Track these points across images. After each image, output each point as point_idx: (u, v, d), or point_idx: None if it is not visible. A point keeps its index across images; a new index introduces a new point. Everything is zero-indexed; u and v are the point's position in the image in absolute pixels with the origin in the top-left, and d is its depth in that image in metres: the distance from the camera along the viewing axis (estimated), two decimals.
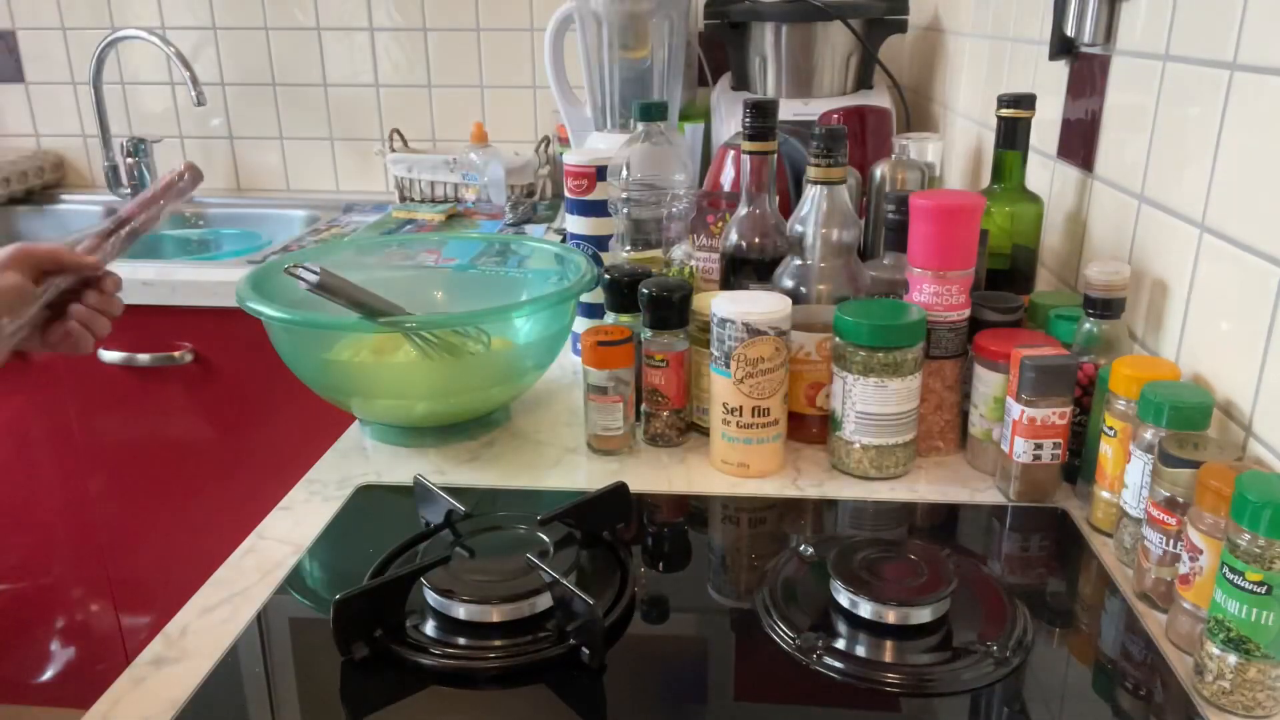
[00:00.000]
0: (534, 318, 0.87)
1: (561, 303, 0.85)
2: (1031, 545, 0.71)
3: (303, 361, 0.85)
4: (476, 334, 0.85)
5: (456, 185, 1.77)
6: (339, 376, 0.85)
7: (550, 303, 0.83)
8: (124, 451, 1.44)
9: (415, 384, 0.85)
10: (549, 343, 0.88)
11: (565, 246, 0.99)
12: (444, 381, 0.85)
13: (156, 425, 1.42)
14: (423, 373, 0.84)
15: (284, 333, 0.82)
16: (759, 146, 0.84)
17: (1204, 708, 0.53)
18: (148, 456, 1.44)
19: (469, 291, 1.00)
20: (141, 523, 1.47)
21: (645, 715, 0.54)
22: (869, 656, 0.57)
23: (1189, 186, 0.72)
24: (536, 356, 0.88)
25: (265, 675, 0.57)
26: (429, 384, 0.85)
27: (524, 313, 0.86)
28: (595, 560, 0.66)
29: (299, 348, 0.85)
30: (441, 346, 0.83)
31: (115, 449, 1.44)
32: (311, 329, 0.83)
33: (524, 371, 0.88)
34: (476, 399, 0.87)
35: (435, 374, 0.84)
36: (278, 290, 0.84)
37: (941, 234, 0.76)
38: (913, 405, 0.77)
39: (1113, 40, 0.86)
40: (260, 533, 0.72)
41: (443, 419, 0.87)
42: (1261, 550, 0.49)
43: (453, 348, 0.83)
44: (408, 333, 0.82)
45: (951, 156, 1.36)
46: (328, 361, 0.85)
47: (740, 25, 1.44)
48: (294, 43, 1.84)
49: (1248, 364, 0.64)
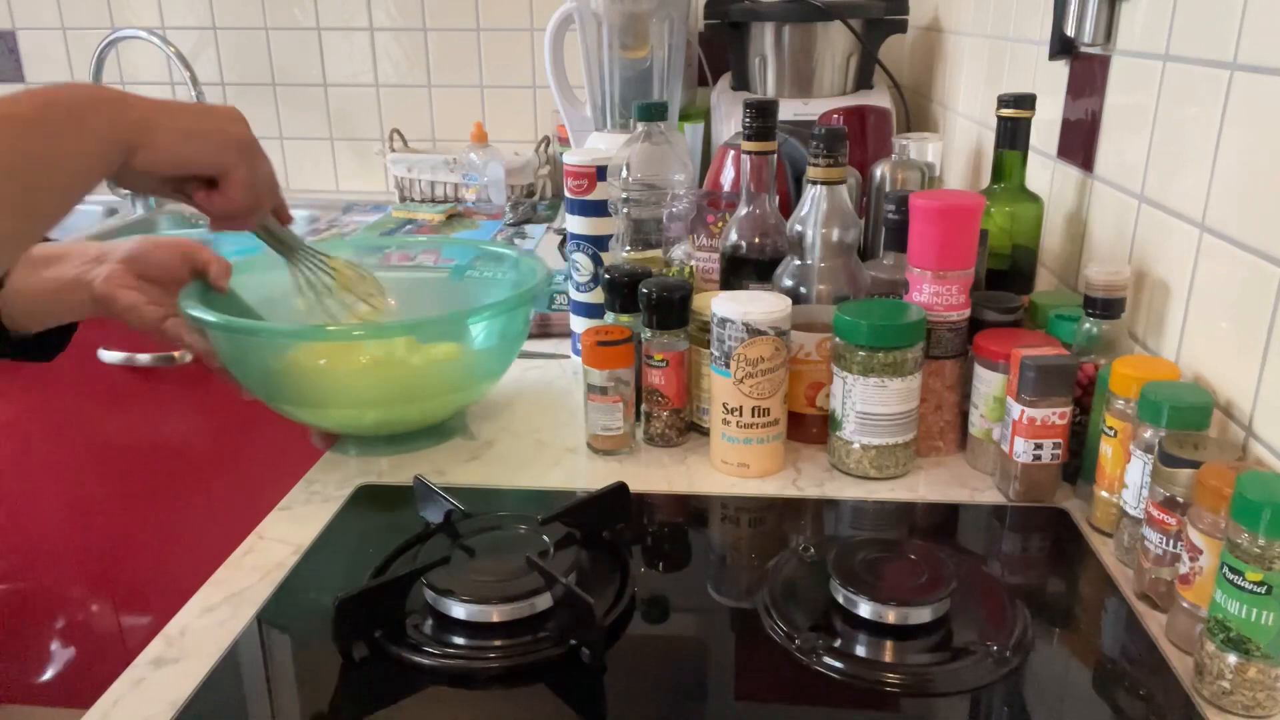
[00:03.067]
0: (489, 323, 0.83)
1: (514, 309, 0.82)
2: (1031, 545, 0.71)
3: (248, 371, 0.81)
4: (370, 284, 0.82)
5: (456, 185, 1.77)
6: (285, 385, 0.81)
7: (504, 308, 0.80)
8: (124, 451, 1.44)
9: (365, 391, 0.82)
10: (503, 349, 0.86)
11: (524, 252, 0.95)
12: (396, 389, 0.82)
13: (156, 425, 1.42)
14: (372, 380, 0.81)
15: (226, 341, 0.79)
16: (759, 146, 0.84)
17: (1204, 708, 0.53)
18: (148, 456, 1.43)
19: (423, 298, 0.93)
20: (141, 523, 1.47)
21: (645, 715, 0.54)
22: (869, 656, 0.57)
23: (1189, 186, 0.72)
24: (489, 364, 0.86)
25: (265, 675, 0.57)
26: (379, 391, 0.82)
27: (480, 318, 0.82)
28: (595, 560, 0.66)
29: (244, 356, 0.81)
30: (335, 287, 0.81)
31: (115, 449, 1.44)
32: (251, 336, 0.79)
33: (477, 378, 0.86)
34: (430, 406, 0.84)
35: (386, 381, 0.81)
36: (228, 296, 0.82)
37: (941, 234, 0.76)
38: (913, 405, 0.77)
39: (1113, 40, 0.86)
40: (260, 533, 0.72)
41: (395, 428, 0.85)
42: (1261, 550, 0.49)
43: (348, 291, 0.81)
44: (297, 262, 0.80)
45: (951, 156, 1.36)
46: (273, 370, 0.80)
47: (740, 25, 1.44)
48: (294, 43, 1.84)
49: (1248, 364, 0.64)
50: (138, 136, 0.59)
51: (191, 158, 0.62)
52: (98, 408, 1.41)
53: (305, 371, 0.81)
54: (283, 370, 0.80)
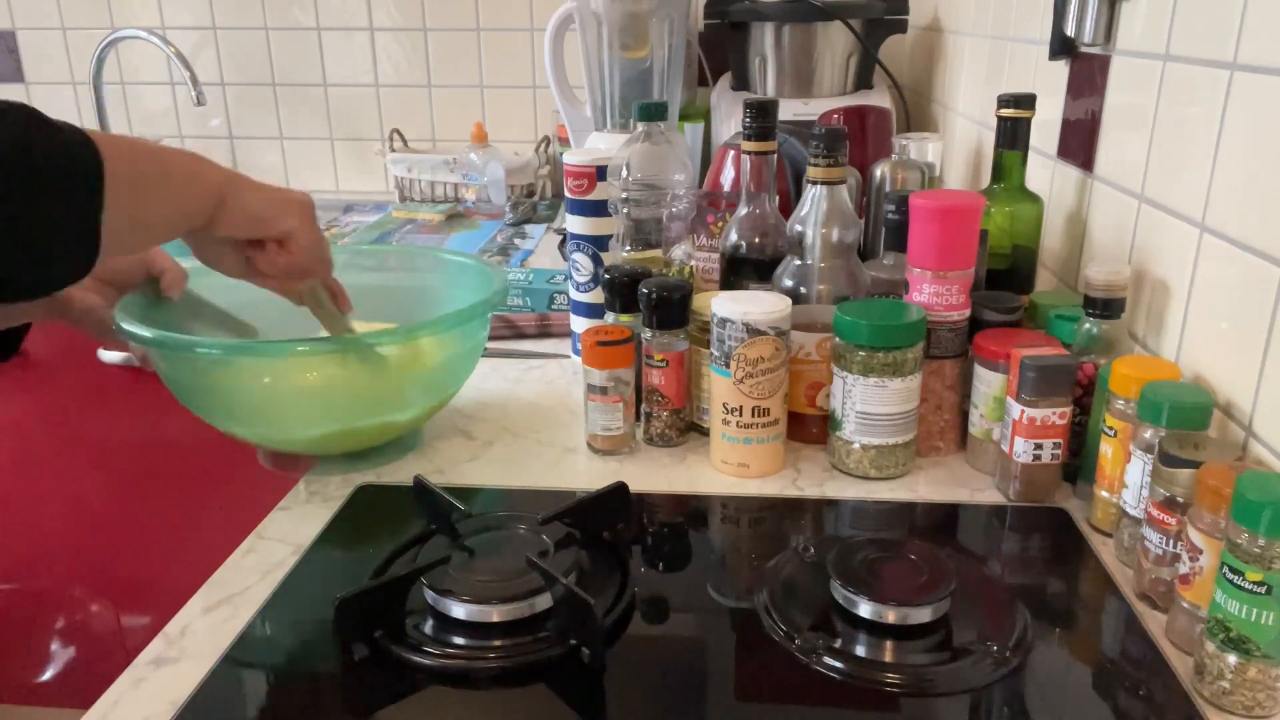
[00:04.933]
0: (441, 336, 0.78)
1: (470, 320, 0.77)
2: (1031, 545, 0.71)
3: (182, 388, 0.77)
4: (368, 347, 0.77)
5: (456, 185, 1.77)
6: (228, 404, 0.76)
7: (460, 320, 0.76)
8: (124, 451, 1.44)
9: (312, 410, 0.77)
10: (459, 362, 0.82)
11: (481, 259, 0.92)
12: (343, 407, 0.77)
13: (156, 425, 1.42)
14: (320, 398, 0.76)
15: (161, 359, 0.75)
16: (759, 146, 0.84)
17: (1204, 708, 0.53)
18: (148, 456, 1.43)
19: (374, 303, 0.86)
20: (141, 523, 1.47)
21: (645, 715, 0.54)
22: (869, 656, 0.57)
23: (1189, 186, 0.72)
24: (444, 376, 0.82)
25: (265, 675, 0.57)
26: (327, 409, 0.77)
27: (434, 330, 0.77)
28: (595, 560, 0.66)
29: (177, 373, 0.76)
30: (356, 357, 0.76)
31: (115, 449, 1.44)
32: (185, 353, 0.74)
33: (433, 391, 0.82)
34: (383, 423, 0.79)
35: (335, 399, 0.76)
36: (198, 302, 0.80)
37: (941, 234, 0.76)
38: (913, 405, 0.77)
39: (1113, 40, 0.86)
40: (260, 533, 0.72)
41: (348, 445, 0.81)
42: (1261, 550, 0.49)
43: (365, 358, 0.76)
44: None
45: (951, 156, 1.36)
46: (210, 388, 0.76)
47: (740, 25, 1.44)
48: (294, 43, 1.84)
49: (1248, 364, 0.64)
50: (223, 196, 0.64)
51: (266, 215, 0.67)
52: (98, 408, 1.41)
53: (248, 390, 0.76)
54: (222, 388, 0.76)
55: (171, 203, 0.61)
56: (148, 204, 0.58)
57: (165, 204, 0.60)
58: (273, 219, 0.67)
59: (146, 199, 0.58)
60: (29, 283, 0.53)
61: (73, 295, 0.76)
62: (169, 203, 0.61)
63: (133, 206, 0.56)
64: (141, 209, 0.58)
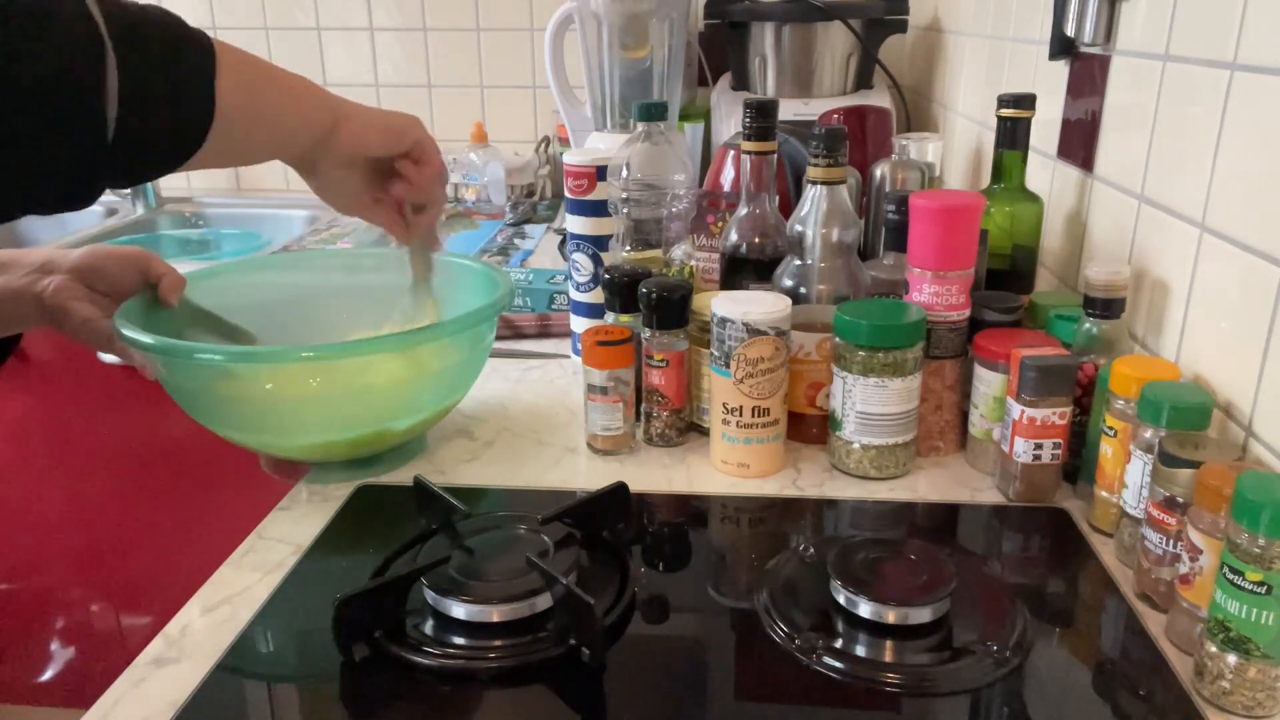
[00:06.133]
0: (445, 342, 0.77)
1: (477, 324, 0.76)
2: (1031, 545, 0.70)
3: (183, 394, 0.76)
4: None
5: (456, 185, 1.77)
6: (232, 412, 0.76)
7: (466, 324, 0.75)
8: (124, 451, 1.44)
9: (314, 417, 0.76)
10: (465, 367, 0.81)
11: (488, 264, 0.90)
12: (344, 414, 0.76)
13: (157, 425, 1.42)
14: (323, 405, 0.75)
15: (164, 365, 0.74)
16: (759, 146, 0.84)
17: (1204, 708, 0.53)
18: (148, 456, 1.43)
19: (375, 305, 0.87)
20: (141, 523, 1.47)
21: (645, 715, 0.54)
22: (869, 656, 0.57)
23: (1189, 186, 0.72)
24: (450, 381, 0.81)
25: (265, 675, 0.57)
26: (328, 417, 0.76)
27: (436, 336, 0.76)
28: (595, 560, 0.66)
29: (178, 379, 0.75)
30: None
31: (115, 449, 1.44)
32: (185, 359, 0.73)
33: (438, 398, 0.80)
34: (386, 430, 0.79)
35: (335, 405, 0.75)
36: (194, 309, 0.80)
37: (941, 234, 0.76)
38: (913, 405, 0.77)
39: (1113, 40, 0.86)
40: (260, 533, 0.72)
41: (350, 453, 0.80)
42: (1261, 550, 0.49)
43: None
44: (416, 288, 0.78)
45: (951, 156, 1.36)
46: (211, 394, 0.75)
47: (740, 25, 1.44)
48: (294, 43, 1.84)
49: (1248, 364, 0.64)
50: (339, 110, 0.65)
51: (395, 124, 0.67)
52: (98, 408, 1.41)
53: (249, 397, 0.75)
54: (224, 394, 0.75)
55: (280, 102, 0.62)
56: (256, 93, 0.60)
57: (275, 97, 0.62)
58: (402, 129, 0.67)
59: (255, 89, 0.59)
60: (165, 145, 0.55)
61: (70, 305, 0.75)
62: (278, 100, 0.62)
63: (242, 91, 0.57)
64: (251, 98, 0.59)
